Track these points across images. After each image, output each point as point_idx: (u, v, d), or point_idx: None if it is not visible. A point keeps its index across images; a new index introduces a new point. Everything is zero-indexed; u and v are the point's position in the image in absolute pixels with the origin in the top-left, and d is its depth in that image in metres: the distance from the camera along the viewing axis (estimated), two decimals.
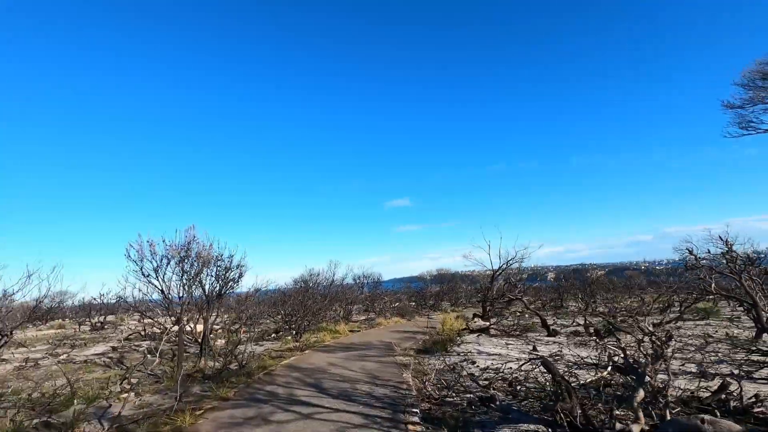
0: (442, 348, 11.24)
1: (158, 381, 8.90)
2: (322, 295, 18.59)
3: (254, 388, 7.84)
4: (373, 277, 30.79)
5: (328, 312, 19.16)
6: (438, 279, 39.60)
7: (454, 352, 11.24)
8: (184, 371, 9.97)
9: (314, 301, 16.95)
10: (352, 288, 26.13)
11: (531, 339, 13.51)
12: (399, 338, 15.06)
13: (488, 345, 12.20)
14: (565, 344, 12.21)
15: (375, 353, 11.61)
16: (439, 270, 41.11)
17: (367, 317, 24.24)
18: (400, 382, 7.57)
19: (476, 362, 9.02)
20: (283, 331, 17.19)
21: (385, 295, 28.81)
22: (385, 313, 24.26)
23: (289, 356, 11.88)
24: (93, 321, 25.70)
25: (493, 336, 14.32)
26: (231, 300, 19.29)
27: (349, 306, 23.46)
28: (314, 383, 7.88)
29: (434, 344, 11.51)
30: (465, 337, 14.14)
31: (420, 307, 30.98)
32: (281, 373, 9.26)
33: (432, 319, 23.46)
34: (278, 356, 12.12)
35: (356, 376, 8.40)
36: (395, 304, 27.68)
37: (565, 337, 13.81)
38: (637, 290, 34.58)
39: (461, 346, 11.88)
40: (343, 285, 23.52)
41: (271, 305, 19.39)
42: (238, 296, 17.53)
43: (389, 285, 36.16)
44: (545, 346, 11.86)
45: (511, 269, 20.07)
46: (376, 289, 30.07)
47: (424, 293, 33.51)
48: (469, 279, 38.83)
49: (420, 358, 10.52)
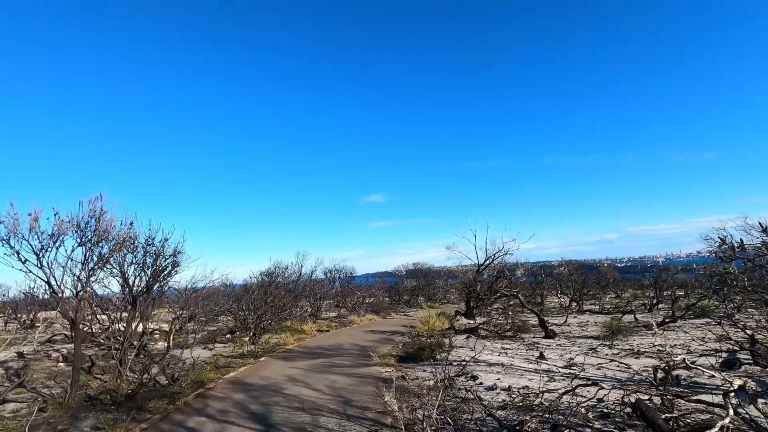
0: (428, 355, 9.18)
1: (44, 408, 6.36)
2: (286, 290, 16.18)
3: (173, 421, 5.49)
4: (345, 271, 28.50)
5: (294, 309, 16.79)
6: (414, 273, 37.71)
7: (444, 359, 9.21)
8: (93, 391, 7.46)
9: (276, 296, 14.55)
10: (322, 282, 23.76)
11: (529, 342, 11.69)
12: (375, 340, 12.93)
13: (483, 350, 10.25)
14: (569, 349, 10.44)
15: (347, 361, 9.42)
16: (416, 264, 39.21)
17: (338, 314, 22.00)
18: (382, 413, 5.40)
19: (478, 377, 6.99)
20: (240, 331, 14.70)
21: (358, 289, 26.61)
22: (358, 310, 22.09)
23: (239, 366, 9.51)
24: (21, 319, 22.20)
25: (483, 338, 12.41)
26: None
27: (319, 302, 21.12)
28: (261, 414, 5.60)
29: (419, 350, 9.43)
30: (453, 339, 12.17)
31: (395, 302, 28.97)
32: (221, 394, 6.91)
33: (410, 316, 21.49)
34: (226, 365, 9.73)
35: (321, 400, 6.18)
36: (369, 300, 25.56)
37: (565, 339, 12.08)
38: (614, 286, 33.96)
39: (452, 352, 9.87)
40: (312, 279, 21.13)
41: (232, 301, 16.82)
42: (198, 292, 14.94)
43: (362, 280, 33.95)
44: (551, 351, 10.03)
45: (496, 264, 18.35)
46: (349, 283, 27.79)
47: (399, 288, 31.55)
48: (446, 274, 37.26)
49: (403, 370, 8.42)
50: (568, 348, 10.56)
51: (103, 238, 6.73)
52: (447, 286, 35.83)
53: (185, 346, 9.84)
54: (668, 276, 22.81)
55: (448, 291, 35.50)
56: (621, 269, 58.85)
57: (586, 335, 12.82)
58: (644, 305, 21.82)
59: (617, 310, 20.00)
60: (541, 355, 8.72)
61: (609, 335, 11.72)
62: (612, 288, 33.41)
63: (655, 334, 12.59)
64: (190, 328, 12.82)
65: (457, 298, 34.99)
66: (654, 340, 11.51)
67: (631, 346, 10.46)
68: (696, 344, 10.55)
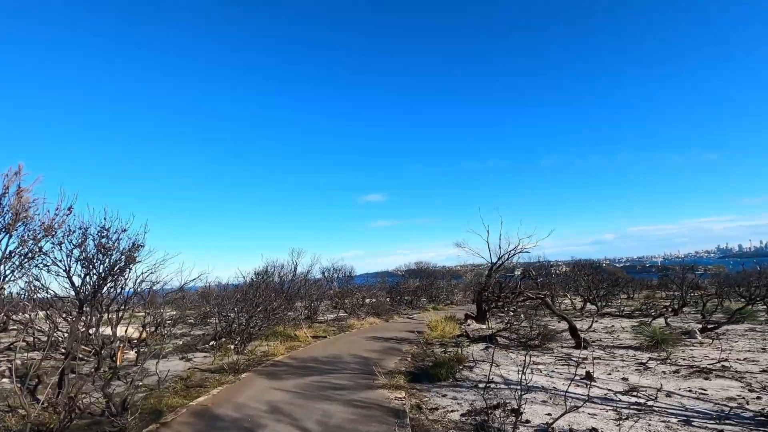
0: (447, 373, 7.44)
1: None
2: (276, 291, 14.42)
3: None
4: (344, 270, 26.72)
5: (287, 312, 15.02)
6: (416, 273, 35.89)
7: (467, 378, 7.47)
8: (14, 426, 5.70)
9: (265, 298, 12.79)
10: (319, 282, 22.00)
11: (559, 353, 9.96)
12: (378, 350, 11.19)
13: (510, 365, 8.52)
14: (612, 363, 8.72)
15: (345, 380, 7.68)
16: (418, 263, 37.41)
17: (336, 316, 20.25)
18: None
19: (520, 410, 5.25)
20: (226, 338, 12.93)
21: (359, 290, 24.89)
22: (357, 313, 20.33)
23: (214, 385, 7.76)
24: None
25: (504, 348, 10.69)
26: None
27: (316, 303, 19.38)
28: None
29: (435, 366, 7.68)
30: (470, 349, 10.45)
31: (396, 303, 27.18)
32: None
33: (414, 319, 19.75)
34: (198, 384, 7.98)
35: None
36: (371, 300, 23.83)
37: (600, 350, 10.36)
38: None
39: (475, 368, 8.13)
40: (307, 278, 19.36)
41: (214, 304, 15.05)
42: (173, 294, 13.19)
43: (361, 280, 32.20)
44: (592, 366, 8.30)
45: (513, 261, 16.62)
46: (348, 283, 26.01)
47: (401, 288, 29.75)
48: (450, 274, 35.56)
49: (418, 394, 6.68)
50: (610, 362, 8.84)
51: (17, 221, 4.98)
52: (451, 287, 34.09)
53: (143, 359, 8.05)
54: (693, 276, 21.09)
55: (452, 292, 33.77)
56: (620, 269, 57.13)
57: (621, 344, 11.10)
58: (666, 308, 20.10)
59: (642, 313, 18.30)
60: (588, 374, 6.99)
61: (653, 345, 10.02)
62: (623, 289, 31.67)
63: (702, 344, 10.90)
64: (158, 337, 11.06)
65: (461, 300, 33.26)
66: (707, 351, 9.81)
67: (687, 360, 8.75)
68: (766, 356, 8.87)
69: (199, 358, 11.21)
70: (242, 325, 11.95)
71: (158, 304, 10.67)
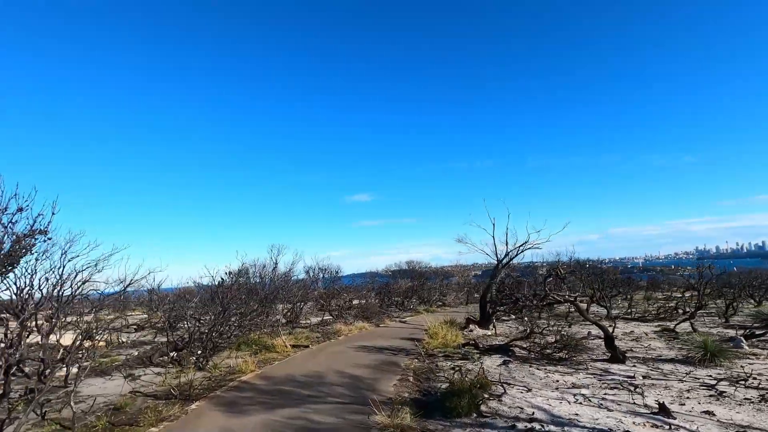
0: (469, 405, 5.47)
1: None
2: (249, 293, 12.27)
3: None
4: (330, 269, 24.57)
5: (263, 318, 12.85)
6: (406, 273, 33.91)
7: (497, 412, 5.52)
8: None
9: (236, 301, 10.65)
10: (302, 283, 19.84)
11: (593, 369, 8.10)
12: (371, 364, 9.15)
13: (543, 388, 6.62)
14: (669, 384, 6.89)
15: (330, 415, 5.64)
16: (410, 263, 35.43)
17: (321, 320, 18.14)
18: None
19: None
20: (186, 349, 10.73)
21: (346, 291, 22.81)
22: (345, 316, 18.27)
23: (149, 422, 5.64)
24: None
25: (526, 362, 8.79)
26: None
27: (297, 307, 17.25)
28: None
29: (451, 395, 5.69)
30: (483, 363, 8.50)
31: (385, 305, 25.14)
32: None
33: (408, 323, 17.78)
34: (128, 422, 5.84)
35: None
36: (359, 302, 21.79)
37: (642, 364, 8.55)
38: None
39: (504, 396, 6.17)
40: (288, 277, 17.19)
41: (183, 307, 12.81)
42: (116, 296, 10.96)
43: (348, 280, 30.13)
44: (656, 393, 6.44)
45: (512, 262, 14.80)
46: (335, 284, 23.89)
47: (391, 289, 27.74)
48: (442, 274, 33.74)
49: None
50: (667, 383, 7.01)
51: None
52: (443, 288, 32.22)
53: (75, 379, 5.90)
54: (710, 276, 19.56)
55: (444, 293, 31.89)
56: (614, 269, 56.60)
57: (659, 356, 9.33)
58: (677, 310, 18.57)
59: (660, 317, 16.70)
60: (662, 407, 5.12)
61: (706, 358, 8.26)
62: (620, 289, 30.31)
63: (758, 356, 9.20)
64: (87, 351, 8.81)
65: (454, 301, 31.47)
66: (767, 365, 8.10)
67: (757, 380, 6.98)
68: None
69: (150, 375, 9.03)
70: (204, 334, 9.80)
71: (93, 307, 8.43)
